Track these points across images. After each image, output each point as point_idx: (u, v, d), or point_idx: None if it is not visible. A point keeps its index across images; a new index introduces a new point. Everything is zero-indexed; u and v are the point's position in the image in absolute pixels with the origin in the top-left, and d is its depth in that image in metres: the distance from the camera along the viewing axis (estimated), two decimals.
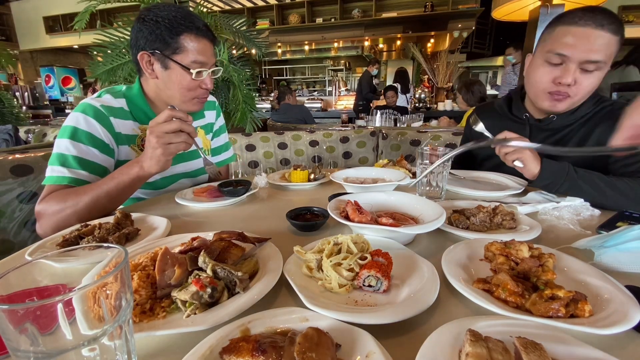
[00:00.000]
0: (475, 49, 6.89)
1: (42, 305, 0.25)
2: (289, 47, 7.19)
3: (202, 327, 0.40)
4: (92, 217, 0.84)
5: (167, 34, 0.94)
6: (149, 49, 0.96)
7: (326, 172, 1.24)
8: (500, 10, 3.67)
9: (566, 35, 0.90)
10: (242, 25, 2.59)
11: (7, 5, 7.43)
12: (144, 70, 0.99)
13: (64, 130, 0.93)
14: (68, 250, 0.38)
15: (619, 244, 0.57)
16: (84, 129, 0.93)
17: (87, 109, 0.95)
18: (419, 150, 0.96)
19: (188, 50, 0.96)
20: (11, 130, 2.32)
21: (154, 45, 0.95)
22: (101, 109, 0.96)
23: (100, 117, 0.95)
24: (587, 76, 0.91)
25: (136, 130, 1.04)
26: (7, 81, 7.36)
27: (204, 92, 1.04)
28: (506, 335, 0.36)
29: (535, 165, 0.89)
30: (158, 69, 0.98)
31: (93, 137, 0.94)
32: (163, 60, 0.97)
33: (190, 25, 0.96)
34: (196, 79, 0.99)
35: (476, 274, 0.53)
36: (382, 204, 0.79)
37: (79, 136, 0.92)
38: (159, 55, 0.96)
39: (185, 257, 0.51)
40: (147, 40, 0.95)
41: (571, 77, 0.91)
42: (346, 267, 0.51)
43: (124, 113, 1.02)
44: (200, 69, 0.98)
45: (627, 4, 5.32)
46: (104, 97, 1.01)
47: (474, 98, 2.98)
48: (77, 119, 0.94)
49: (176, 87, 1.00)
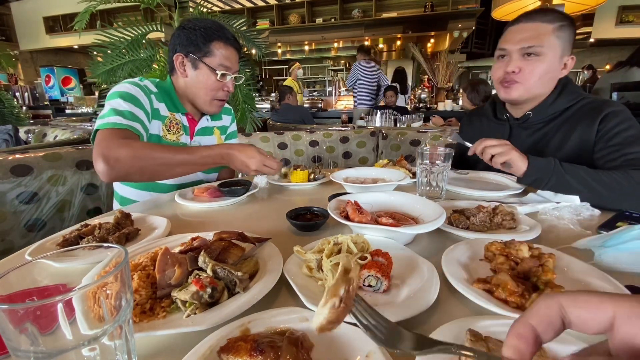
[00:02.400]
0: (475, 49, 6.88)
1: (42, 305, 0.25)
2: (289, 47, 7.19)
3: (202, 327, 0.40)
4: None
5: (200, 40, 1.08)
6: (183, 52, 1.10)
7: (326, 172, 1.24)
8: (500, 10, 3.68)
9: (506, 34, 1.06)
10: (242, 25, 2.60)
11: (7, 5, 7.43)
12: (177, 69, 1.12)
13: (113, 94, 1.02)
14: (68, 250, 0.38)
15: (619, 244, 0.57)
16: (133, 93, 1.03)
17: (130, 81, 1.07)
18: (419, 150, 0.96)
19: (216, 55, 1.10)
20: (11, 130, 2.32)
21: (188, 48, 1.10)
22: (143, 86, 1.09)
23: (142, 89, 1.07)
24: (530, 62, 1.01)
25: (167, 112, 1.14)
26: (7, 81, 7.36)
27: (225, 94, 1.17)
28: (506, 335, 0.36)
29: (522, 163, 0.90)
30: (189, 69, 1.12)
31: (139, 102, 1.04)
32: (194, 62, 1.11)
33: (221, 34, 1.10)
34: (220, 80, 1.12)
35: (476, 274, 0.53)
36: (382, 204, 0.79)
37: (129, 98, 1.02)
38: (192, 57, 1.10)
39: (185, 257, 0.51)
40: (183, 45, 1.10)
41: (512, 65, 1.02)
42: None
43: (159, 96, 1.14)
44: (225, 72, 1.12)
45: (627, 4, 5.32)
46: (145, 81, 1.12)
47: (479, 97, 2.98)
48: (125, 86, 1.04)
49: (202, 86, 1.13)
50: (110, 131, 0.93)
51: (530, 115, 1.08)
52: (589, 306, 0.22)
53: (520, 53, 1.01)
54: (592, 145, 0.98)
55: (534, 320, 0.23)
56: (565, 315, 0.22)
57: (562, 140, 1.03)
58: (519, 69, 1.02)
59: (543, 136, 1.08)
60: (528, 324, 0.23)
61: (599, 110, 0.98)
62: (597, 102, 1.01)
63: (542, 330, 0.23)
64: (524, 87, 1.04)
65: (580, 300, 0.22)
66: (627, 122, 0.94)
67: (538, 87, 1.04)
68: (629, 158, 0.90)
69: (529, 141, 1.10)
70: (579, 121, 1.01)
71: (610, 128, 0.95)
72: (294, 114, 3.67)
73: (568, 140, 1.02)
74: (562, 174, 0.87)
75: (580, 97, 1.04)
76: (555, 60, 1.00)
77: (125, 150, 0.88)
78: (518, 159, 0.90)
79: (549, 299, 0.23)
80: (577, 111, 1.03)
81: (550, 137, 1.06)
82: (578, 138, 1.00)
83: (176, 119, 1.16)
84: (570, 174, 0.87)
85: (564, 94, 1.05)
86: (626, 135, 0.92)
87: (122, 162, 0.88)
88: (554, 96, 1.05)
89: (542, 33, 0.98)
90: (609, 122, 0.95)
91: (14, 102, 3.57)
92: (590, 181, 0.85)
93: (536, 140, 1.09)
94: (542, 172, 0.89)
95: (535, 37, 0.98)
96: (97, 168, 0.88)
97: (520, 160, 0.90)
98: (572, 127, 1.02)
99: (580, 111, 1.03)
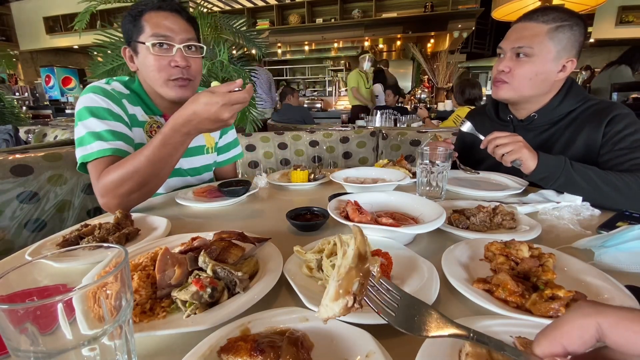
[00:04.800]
0: (475, 49, 6.88)
1: (42, 305, 0.25)
2: (289, 47, 7.19)
3: (202, 327, 0.40)
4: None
5: (130, 21, 0.94)
6: (126, 44, 0.98)
7: (326, 172, 1.24)
8: (500, 10, 3.68)
9: (507, 32, 1.05)
10: (242, 25, 2.60)
11: (7, 6, 7.43)
12: (129, 65, 1.00)
13: (83, 110, 0.91)
14: (68, 250, 0.38)
15: (619, 244, 0.57)
16: (103, 106, 0.92)
17: (97, 90, 0.94)
18: (419, 150, 0.96)
19: (146, 27, 0.93)
20: (11, 130, 2.32)
21: (126, 37, 0.97)
22: (112, 92, 0.96)
23: (112, 97, 0.95)
24: (520, 63, 1.01)
25: (145, 117, 1.04)
26: (7, 81, 7.36)
27: (177, 71, 0.96)
28: (506, 335, 0.36)
29: (532, 161, 0.89)
30: (135, 59, 0.99)
31: (113, 112, 0.93)
32: (134, 48, 0.96)
33: (148, 2, 0.94)
34: (158, 54, 0.93)
35: (476, 274, 0.53)
36: (382, 204, 0.79)
37: (101, 113, 0.91)
38: (132, 45, 0.96)
39: (185, 257, 0.51)
40: (124, 37, 0.98)
41: (503, 64, 1.03)
42: None
43: (132, 99, 1.02)
44: (158, 40, 0.92)
45: (627, 4, 5.32)
46: (113, 83, 1.00)
47: (462, 98, 2.98)
48: (91, 98, 0.92)
49: (148, 71, 0.96)
50: (97, 165, 0.87)
51: (535, 117, 1.07)
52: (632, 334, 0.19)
53: (513, 52, 1.02)
54: (598, 148, 0.97)
55: (566, 340, 0.21)
56: (602, 338, 0.20)
57: (567, 143, 1.03)
58: (509, 69, 1.02)
59: (548, 138, 1.07)
60: (560, 345, 0.21)
61: (605, 113, 0.97)
62: (603, 104, 1.00)
63: (573, 350, 0.21)
64: (511, 88, 1.04)
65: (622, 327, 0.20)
66: (633, 126, 0.93)
67: (528, 89, 1.03)
68: (636, 162, 0.89)
69: (534, 143, 1.08)
70: (585, 123, 1.00)
71: (617, 131, 0.94)
72: (294, 114, 3.67)
73: (574, 142, 1.01)
74: (571, 173, 0.86)
75: (585, 99, 1.03)
76: (547, 62, 0.99)
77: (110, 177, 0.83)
78: (529, 157, 0.89)
79: (584, 318, 0.21)
80: (582, 113, 1.02)
81: (556, 139, 1.05)
82: (584, 140, 0.99)
83: (156, 122, 1.06)
84: (579, 174, 0.86)
85: (570, 96, 1.04)
86: (633, 139, 0.92)
87: (113, 190, 0.84)
88: (560, 98, 1.04)
89: (534, 34, 0.98)
90: (616, 126, 0.95)
91: (14, 102, 3.57)
92: (599, 182, 0.84)
93: (542, 142, 1.08)
94: (552, 170, 0.88)
95: (527, 38, 0.99)
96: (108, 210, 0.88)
97: (530, 158, 0.89)
98: (577, 130, 1.01)
99: (585, 113, 1.02)
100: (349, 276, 0.26)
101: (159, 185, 0.91)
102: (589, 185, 0.85)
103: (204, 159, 1.20)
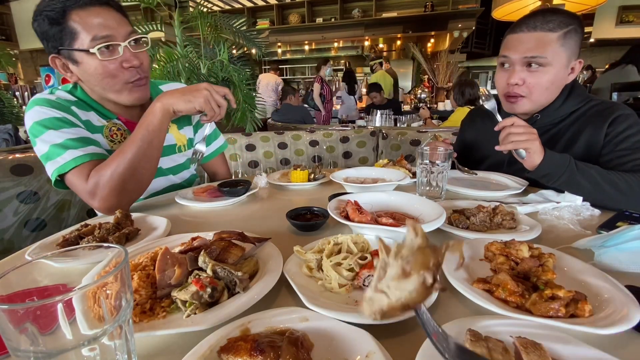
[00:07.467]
0: (475, 49, 6.88)
1: (42, 305, 0.25)
2: (289, 47, 7.19)
3: (202, 327, 0.40)
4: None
5: (54, 25, 0.81)
6: (54, 52, 0.84)
7: (326, 172, 1.24)
8: (500, 10, 3.68)
9: (507, 42, 1.01)
10: (242, 25, 2.60)
11: (7, 5, 7.42)
12: (65, 76, 0.88)
13: (35, 128, 0.83)
14: (68, 250, 0.38)
15: (619, 244, 0.57)
16: (54, 116, 0.84)
17: (41, 102, 0.86)
18: (419, 150, 0.96)
19: (80, 31, 0.81)
20: (11, 130, 2.32)
21: (53, 44, 0.84)
22: (57, 101, 0.88)
23: (59, 107, 0.87)
24: (534, 74, 0.97)
25: (101, 121, 0.95)
26: (7, 81, 7.36)
27: (132, 73, 0.88)
28: (506, 335, 0.36)
29: (540, 155, 0.88)
30: (73, 68, 0.87)
31: (67, 120, 0.86)
32: (70, 56, 0.84)
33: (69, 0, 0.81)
34: (107, 59, 0.84)
35: (476, 274, 0.53)
36: (382, 204, 0.79)
37: (55, 124, 0.83)
38: (64, 53, 0.84)
39: (185, 257, 0.51)
40: (48, 44, 0.84)
41: (516, 77, 0.98)
42: (346, 267, 0.51)
43: (82, 105, 0.93)
44: (103, 43, 0.82)
45: (627, 4, 5.32)
46: (57, 92, 0.92)
47: (463, 99, 2.98)
48: (38, 112, 0.84)
49: (97, 81, 0.86)
50: (78, 172, 0.82)
51: (538, 117, 1.06)
52: None
53: (524, 63, 0.97)
54: (600, 148, 0.97)
55: None
56: None
57: (569, 142, 1.02)
58: (523, 81, 0.98)
59: (550, 138, 1.06)
60: None
61: (607, 113, 0.97)
62: (605, 104, 1.00)
63: None
64: (530, 101, 1.01)
65: None
66: (636, 127, 0.93)
67: (545, 98, 1.01)
68: (638, 163, 0.89)
69: None
70: (587, 123, 1.00)
71: (619, 132, 0.94)
72: (294, 113, 3.67)
73: (576, 142, 1.01)
74: (574, 172, 0.86)
75: (587, 99, 1.03)
76: (561, 68, 0.97)
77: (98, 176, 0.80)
78: (538, 150, 0.88)
79: None
80: (584, 113, 1.02)
81: (558, 139, 1.05)
82: (586, 140, 0.99)
83: (115, 124, 0.97)
84: (582, 173, 0.86)
85: (572, 97, 1.03)
86: (635, 140, 0.92)
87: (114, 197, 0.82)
88: (562, 99, 1.03)
89: (546, 43, 0.94)
90: (618, 126, 0.94)
91: (14, 102, 3.57)
92: (601, 181, 0.84)
93: (544, 142, 1.06)
94: (556, 168, 0.87)
95: (539, 47, 0.94)
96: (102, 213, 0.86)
97: (539, 152, 0.88)
98: (579, 130, 1.01)
99: (588, 113, 1.01)
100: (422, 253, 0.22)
101: (152, 171, 0.89)
102: (590, 184, 0.85)
103: (179, 157, 1.14)
